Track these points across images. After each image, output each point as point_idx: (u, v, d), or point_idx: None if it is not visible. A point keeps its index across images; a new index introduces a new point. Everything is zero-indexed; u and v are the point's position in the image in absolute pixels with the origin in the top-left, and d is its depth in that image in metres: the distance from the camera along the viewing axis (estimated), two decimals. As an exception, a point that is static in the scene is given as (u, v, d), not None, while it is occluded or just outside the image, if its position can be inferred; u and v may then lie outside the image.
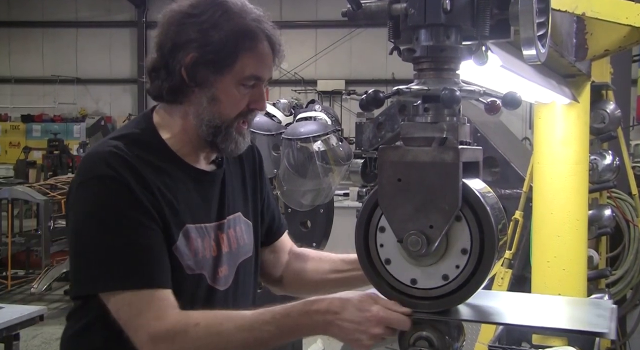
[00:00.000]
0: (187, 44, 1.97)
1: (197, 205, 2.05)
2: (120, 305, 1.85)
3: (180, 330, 1.81)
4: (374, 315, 1.69)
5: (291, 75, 22.12)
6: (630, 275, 5.02)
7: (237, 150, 2.08)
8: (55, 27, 23.64)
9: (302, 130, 5.04)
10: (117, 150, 1.93)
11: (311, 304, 1.80)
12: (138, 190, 1.88)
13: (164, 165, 2.01)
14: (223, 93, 2.00)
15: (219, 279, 2.07)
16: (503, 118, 8.15)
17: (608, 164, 3.99)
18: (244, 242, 2.21)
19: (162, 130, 2.07)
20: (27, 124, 22.94)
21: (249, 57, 1.99)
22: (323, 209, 5.27)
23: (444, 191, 1.53)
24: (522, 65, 1.99)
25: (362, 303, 1.72)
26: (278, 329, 1.80)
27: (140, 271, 1.86)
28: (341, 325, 1.74)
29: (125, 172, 1.89)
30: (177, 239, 1.95)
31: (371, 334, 1.70)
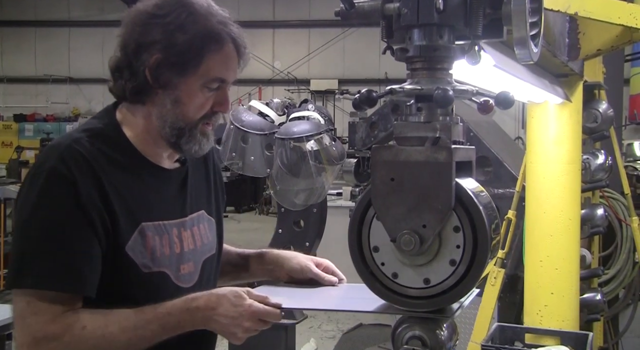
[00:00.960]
0: (152, 45, 1.95)
1: (156, 203, 2.05)
2: (19, 301, 1.84)
3: (66, 333, 1.82)
4: (246, 309, 1.85)
5: (284, 74, 22.14)
6: (622, 274, 5.04)
7: (200, 152, 2.08)
8: (47, 27, 23.62)
9: (295, 129, 5.03)
10: (76, 144, 1.91)
11: (191, 301, 1.90)
12: (84, 190, 1.86)
13: (124, 161, 2.00)
14: (187, 95, 1.99)
15: (181, 276, 2.08)
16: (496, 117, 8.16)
17: (600, 163, 4.00)
18: (208, 239, 2.23)
19: (125, 127, 2.06)
20: (20, 123, 22.92)
21: (213, 60, 1.98)
22: (316, 209, 5.26)
23: (437, 191, 1.53)
24: (515, 64, 1.99)
25: (236, 298, 1.87)
26: (161, 327, 1.87)
27: (54, 273, 1.84)
28: (218, 320, 1.87)
29: (77, 168, 1.87)
30: (131, 237, 1.94)
31: (244, 327, 1.86)
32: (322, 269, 2.29)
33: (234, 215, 19.91)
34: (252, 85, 23.23)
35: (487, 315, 3.89)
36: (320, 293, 2.19)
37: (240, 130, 5.05)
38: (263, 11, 23.41)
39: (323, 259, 2.35)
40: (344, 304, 2.17)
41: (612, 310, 5.00)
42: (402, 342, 1.66)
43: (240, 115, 5.17)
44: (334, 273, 2.30)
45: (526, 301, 3.33)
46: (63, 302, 1.84)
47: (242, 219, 19.24)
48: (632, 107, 15.24)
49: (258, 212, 20.65)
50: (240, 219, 19.33)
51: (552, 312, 3.20)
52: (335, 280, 2.27)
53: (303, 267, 2.27)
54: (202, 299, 1.89)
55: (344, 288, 2.25)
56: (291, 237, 5.22)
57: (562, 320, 3.20)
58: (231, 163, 5.12)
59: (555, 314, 3.20)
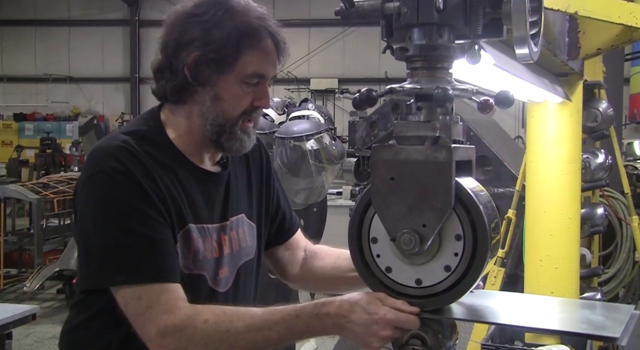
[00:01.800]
0: (190, 44, 1.96)
1: (200, 206, 2.04)
2: (129, 299, 1.84)
3: (189, 325, 1.79)
4: (382, 317, 1.68)
5: (284, 74, 22.10)
6: (622, 273, 5.04)
7: (242, 149, 2.07)
8: (47, 26, 23.60)
9: (295, 129, 5.04)
10: (125, 144, 1.92)
11: (321, 306, 1.79)
12: (146, 186, 1.88)
13: (170, 163, 2.00)
14: (226, 91, 1.99)
15: (219, 280, 2.06)
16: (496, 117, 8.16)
17: (600, 162, 4.00)
18: (246, 244, 2.20)
19: (169, 129, 2.06)
20: (20, 122, 22.91)
21: (251, 55, 1.98)
22: (316, 208, 5.27)
23: (437, 190, 1.53)
24: (515, 64, 1.99)
25: (369, 305, 1.71)
26: (288, 330, 1.80)
27: (149, 265, 1.85)
28: (351, 328, 1.73)
29: (134, 166, 1.88)
30: (177, 236, 1.95)
31: (380, 336, 1.70)
32: None
33: (234, 214, 19.90)
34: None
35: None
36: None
37: (240, 129, 5.04)
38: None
39: None
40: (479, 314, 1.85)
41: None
42: (403, 342, 1.66)
43: (240, 115, 5.16)
44: None
45: (526, 300, 3.32)
46: (171, 292, 1.84)
47: (242, 218, 19.22)
48: (632, 106, 15.24)
49: (258, 212, 20.62)
50: (240, 218, 19.32)
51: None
52: None
53: None
54: (333, 305, 1.78)
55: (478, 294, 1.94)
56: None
57: (562, 320, 3.19)
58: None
59: (555, 313, 3.20)
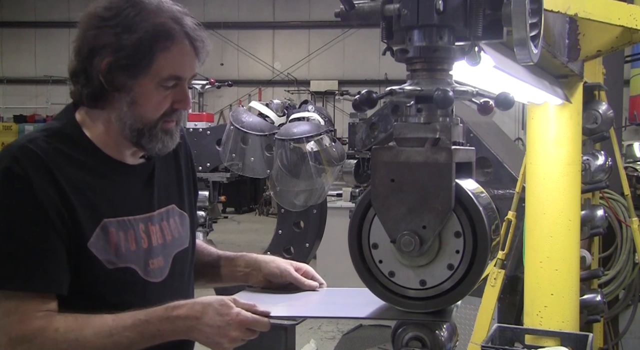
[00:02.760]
0: (102, 50, 1.93)
1: (119, 199, 2.02)
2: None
3: (39, 335, 1.80)
4: (233, 318, 1.78)
5: (284, 75, 22.15)
6: (622, 275, 5.04)
7: (164, 149, 2.05)
8: (47, 28, 23.64)
9: (295, 130, 5.04)
10: (31, 144, 1.89)
11: (172, 309, 1.84)
12: (40, 189, 1.84)
13: (84, 158, 1.98)
14: (142, 96, 1.96)
15: (150, 271, 2.05)
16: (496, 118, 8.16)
17: (600, 164, 4.00)
18: (179, 233, 2.19)
19: (85, 127, 2.03)
20: (20, 124, 22.91)
21: (165, 58, 1.95)
22: (316, 210, 5.27)
23: (437, 192, 1.53)
24: (515, 65, 1.99)
25: (222, 307, 1.80)
26: (139, 335, 1.83)
27: (17, 272, 1.83)
28: (202, 329, 1.80)
29: (32, 168, 1.85)
30: (93, 234, 1.92)
31: (231, 337, 1.79)
32: (301, 273, 2.23)
33: (233, 216, 19.93)
34: (252, 86, 23.25)
35: (487, 316, 3.89)
36: (303, 299, 2.13)
37: (240, 131, 5.06)
38: (263, 12, 23.44)
39: (302, 263, 2.29)
40: (333, 310, 2.10)
41: (612, 311, 5.00)
42: (402, 344, 1.66)
43: (240, 116, 5.18)
44: (314, 277, 2.24)
45: (526, 302, 3.33)
46: (33, 302, 1.83)
47: (242, 220, 19.25)
48: (632, 108, 15.23)
49: (258, 213, 20.66)
50: (240, 219, 19.35)
51: (552, 313, 3.20)
52: (316, 284, 2.21)
53: (282, 271, 2.21)
54: (184, 308, 1.85)
55: (324, 293, 2.20)
56: (291, 238, 5.23)
57: (562, 321, 3.20)
58: (231, 164, 5.13)
59: (555, 315, 3.20)
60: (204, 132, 5.49)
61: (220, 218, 18.37)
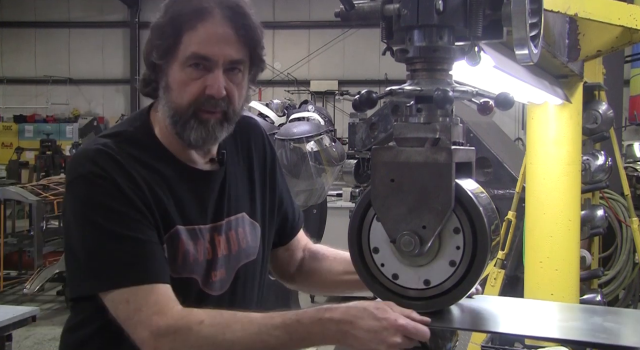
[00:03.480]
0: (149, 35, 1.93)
1: (190, 206, 1.96)
2: (118, 303, 1.79)
3: (183, 327, 1.73)
4: (392, 323, 1.60)
5: (284, 75, 22.13)
6: (622, 275, 5.05)
7: (199, 142, 1.94)
8: (47, 28, 23.60)
9: (295, 130, 5.04)
10: (104, 147, 1.87)
11: (324, 311, 1.70)
12: (126, 187, 1.82)
13: (156, 163, 1.93)
14: (172, 79, 1.90)
15: (212, 283, 1.98)
16: (496, 118, 8.17)
17: (600, 164, 4.00)
18: (247, 244, 2.10)
19: (157, 128, 2.00)
20: (20, 124, 22.89)
21: (191, 36, 1.86)
22: (316, 210, 5.27)
23: (437, 191, 1.53)
24: (515, 65, 1.99)
25: (379, 311, 1.63)
26: (287, 335, 1.70)
27: (135, 267, 1.79)
28: (356, 334, 1.63)
29: (113, 169, 1.83)
30: (164, 239, 1.88)
31: (389, 343, 1.60)
32: None
33: (233, 216, 19.89)
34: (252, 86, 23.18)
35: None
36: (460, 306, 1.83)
37: (240, 131, 5.04)
38: (263, 12, 23.43)
39: None
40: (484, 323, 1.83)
41: (612, 311, 5.00)
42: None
43: (240, 116, 5.17)
44: None
45: (526, 302, 3.33)
46: (160, 293, 1.79)
47: (242, 220, 19.21)
48: (632, 108, 15.23)
49: (258, 213, 20.61)
50: (240, 219, 19.30)
51: (552, 313, 3.20)
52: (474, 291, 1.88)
53: None
54: (338, 310, 1.68)
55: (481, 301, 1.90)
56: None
57: (562, 321, 3.20)
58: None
59: (555, 315, 3.20)
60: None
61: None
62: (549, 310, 1.93)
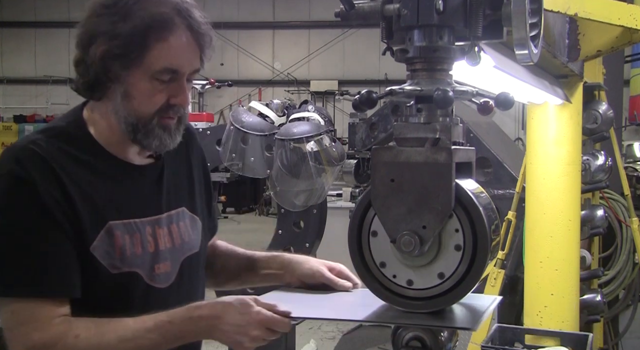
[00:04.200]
0: (99, 37, 1.86)
1: (125, 201, 1.95)
2: (4, 312, 1.79)
3: (59, 342, 1.75)
4: (253, 317, 1.74)
5: (284, 75, 22.15)
6: (622, 275, 5.04)
7: (162, 147, 1.96)
8: (47, 28, 23.63)
9: (295, 130, 5.03)
10: (33, 145, 1.84)
11: (194, 309, 1.81)
12: (45, 191, 1.79)
13: (88, 159, 1.91)
14: (135, 89, 1.88)
15: (156, 276, 1.98)
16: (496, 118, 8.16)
17: (600, 164, 4.00)
18: (189, 237, 2.12)
19: (90, 125, 1.97)
20: (20, 124, 22.91)
21: (160, 49, 1.85)
22: (316, 210, 5.26)
23: (437, 192, 1.53)
24: (515, 65, 1.99)
25: (242, 306, 1.76)
26: (161, 337, 1.79)
27: (28, 279, 1.78)
28: (223, 329, 1.77)
29: (36, 170, 1.80)
30: (97, 237, 1.86)
31: (251, 335, 1.75)
32: (335, 274, 2.14)
33: (233, 216, 19.91)
34: (252, 86, 23.24)
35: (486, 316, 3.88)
36: (333, 300, 2.05)
37: (240, 131, 5.05)
38: (263, 12, 23.43)
39: (337, 263, 2.20)
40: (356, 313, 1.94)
41: (612, 311, 5.01)
42: (402, 343, 1.66)
43: (240, 116, 5.17)
44: (348, 278, 2.14)
45: (526, 302, 3.33)
46: (47, 308, 1.78)
47: (242, 220, 19.24)
48: (632, 108, 15.23)
49: (258, 213, 20.65)
50: (240, 220, 19.34)
51: (552, 313, 3.20)
52: (350, 285, 2.11)
53: (315, 272, 2.13)
54: (205, 308, 1.81)
55: (358, 294, 2.08)
56: (291, 238, 5.22)
57: (562, 321, 3.20)
58: (231, 164, 5.13)
59: (555, 315, 3.20)
60: (204, 132, 5.49)
61: (220, 218, 18.36)
62: None
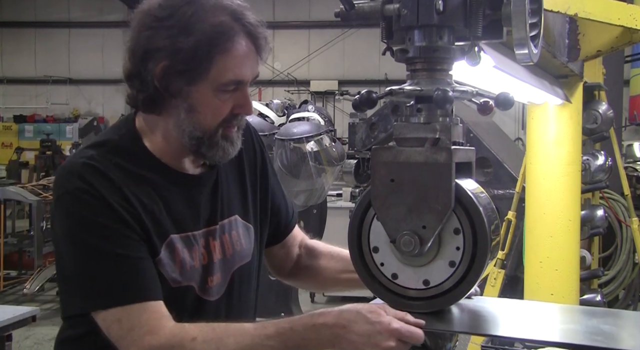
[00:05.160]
0: (157, 53, 1.79)
1: (183, 213, 1.92)
2: (110, 322, 1.75)
3: (175, 345, 1.71)
4: (385, 327, 1.59)
5: (284, 75, 22.12)
6: (622, 275, 5.05)
7: (225, 157, 1.93)
8: (47, 28, 23.59)
9: (295, 130, 5.04)
10: (90, 160, 1.81)
11: (318, 316, 1.69)
12: (114, 202, 1.77)
13: (145, 172, 1.88)
14: (201, 103, 1.83)
15: (208, 288, 1.95)
16: (496, 118, 8.17)
17: (600, 164, 4.00)
18: (241, 247, 2.07)
19: (145, 137, 1.93)
20: (20, 124, 22.89)
21: (224, 61, 1.81)
22: (316, 210, 5.27)
23: (437, 191, 1.53)
24: (515, 65, 1.99)
25: (372, 314, 1.62)
26: (282, 344, 1.69)
27: (125, 285, 1.75)
28: (350, 338, 1.63)
29: (100, 184, 1.77)
30: (160, 251, 1.83)
31: (383, 347, 1.59)
32: None
33: (233, 216, 19.88)
34: (251, 86, 23.12)
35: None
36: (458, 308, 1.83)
37: (240, 131, 5.05)
38: (263, 12, 23.23)
39: None
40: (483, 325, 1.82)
41: (612, 311, 5.01)
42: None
43: (240, 116, 5.17)
44: None
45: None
46: (153, 311, 1.75)
47: (242, 220, 19.21)
48: (632, 108, 15.22)
49: (258, 213, 20.62)
50: (240, 219, 19.31)
51: (552, 313, 3.20)
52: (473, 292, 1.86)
53: None
54: (331, 315, 1.67)
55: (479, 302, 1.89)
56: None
57: (562, 321, 3.20)
58: (231, 164, 5.12)
59: (555, 315, 3.20)
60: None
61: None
62: (548, 312, 1.92)
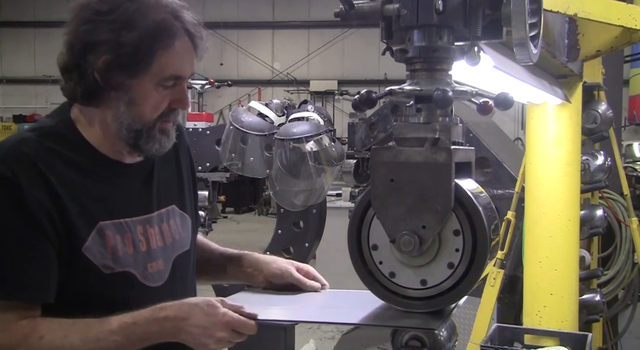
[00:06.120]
0: (99, 46, 1.83)
1: (116, 200, 1.95)
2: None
3: (22, 344, 1.76)
4: (220, 319, 1.75)
5: (284, 75, 22.15)
6: (621, 275, 5.04)
7: (161, 150, 1.98)
8: (47, 27, 23.58)
9: (294, 130, 5.03)
10: (22, 145, 1.83)
11: (159, 310, 1.81)
12: (31, 194, 1.77)
13: (78, 159, 1.90)
14: (141, 96, 1.88)
15: (149, 274, 1.99)
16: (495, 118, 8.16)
17: (600, 164, 4.00)
18: (180, 236, 2.12)
19: (80, 126, 1.95)
20: (19, 124, 22.87)
21: (166, 56, 1.87)
22: (316, 210, 5.27)
23: (437, 191, 1.53)
24: (515, 65, 1.99)
25: (208, 307, 1.77)
26: (126, 338, 1.78)
27: (2, 280, 1.78)
28: (189, 330, 1.77)
29: (22, 171, 1.78)
30: (88, 238, 1.85)
31: (217, 337, 1.76)
32: (303, 274, 2.16)
33: (233, 216, 19.92)
34: (251, 86, 23.24)
35: (486, 316, 3.89)
36: (302, 301, 2.06)
37: (240, 131, 5.05)
38: (262, 12, 23.44)
39: (304, 264, 2.22)
40: (324, 314, 2.03)
41: (612, 311, 5.00)
42: (402, 343, 1.67)
43: (240, 116, 5.18)
44: (316, 278, 2.17)
45: (525, 302, 3.33)
46: (16, 311, 1.78)
47: (242, 220, 19.25)
48: (632, 108, 15.22)
49: (257, 213, 20.67)
50: (240, 219, 19.35)
51: (551, 313, 3.20)
52: (318, 286, 2.14)
53: (283, 272, 2.15)
54: (172, 309, 1.80)
55: (326, 295, 2.13)
56: (290, 238, 5.22)
57: (561, 321, 3.20)
58: (230, 164, 5.13)
59: (555, 314, 3.20)
60: (204, 132, 5.49)
61: (220, 218, 18.39)
62: None
